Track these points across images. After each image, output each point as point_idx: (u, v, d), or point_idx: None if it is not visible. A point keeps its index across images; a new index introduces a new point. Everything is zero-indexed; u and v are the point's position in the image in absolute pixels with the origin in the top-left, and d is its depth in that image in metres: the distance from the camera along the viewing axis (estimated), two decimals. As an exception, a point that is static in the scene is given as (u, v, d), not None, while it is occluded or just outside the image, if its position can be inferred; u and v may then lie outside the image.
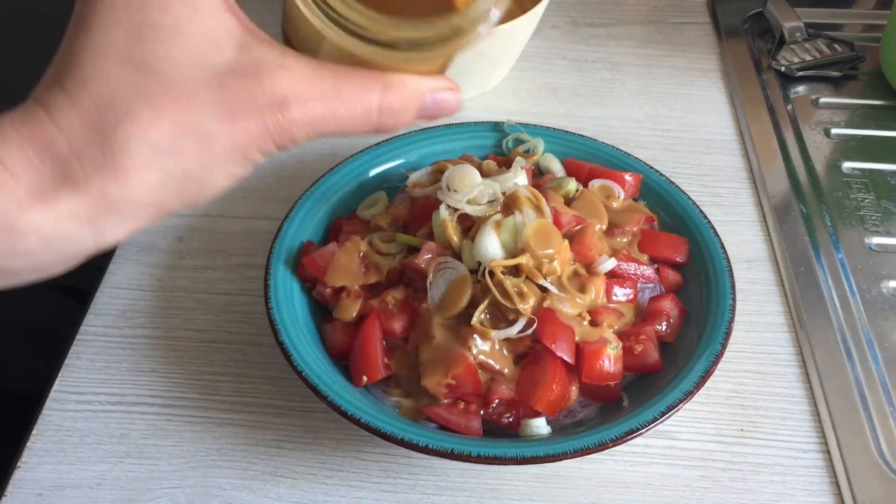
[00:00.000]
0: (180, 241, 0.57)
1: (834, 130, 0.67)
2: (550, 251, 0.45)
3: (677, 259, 0.51)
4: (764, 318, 0.53)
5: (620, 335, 0.47)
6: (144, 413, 0.47)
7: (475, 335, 0.44)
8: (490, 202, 0.48)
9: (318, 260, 0.48)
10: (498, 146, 0.59)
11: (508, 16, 0.70)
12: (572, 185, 0.52)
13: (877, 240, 0.58)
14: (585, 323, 0.46)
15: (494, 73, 0.69)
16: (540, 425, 0.43)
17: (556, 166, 0.56)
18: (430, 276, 0.45)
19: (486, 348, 0.44)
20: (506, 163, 0.54)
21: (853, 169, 0.64)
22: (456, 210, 0.47)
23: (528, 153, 0.57)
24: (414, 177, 0.53)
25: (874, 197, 0.61)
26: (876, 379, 0.49)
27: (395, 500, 0.44)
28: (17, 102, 0.27)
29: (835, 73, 0.72)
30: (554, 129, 0.58)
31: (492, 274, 0.44)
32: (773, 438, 0.47)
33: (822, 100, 0.70)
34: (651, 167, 0.55)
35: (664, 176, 0.55)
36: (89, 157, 0.26)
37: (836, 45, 0.73)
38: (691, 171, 0.63)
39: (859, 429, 0.46)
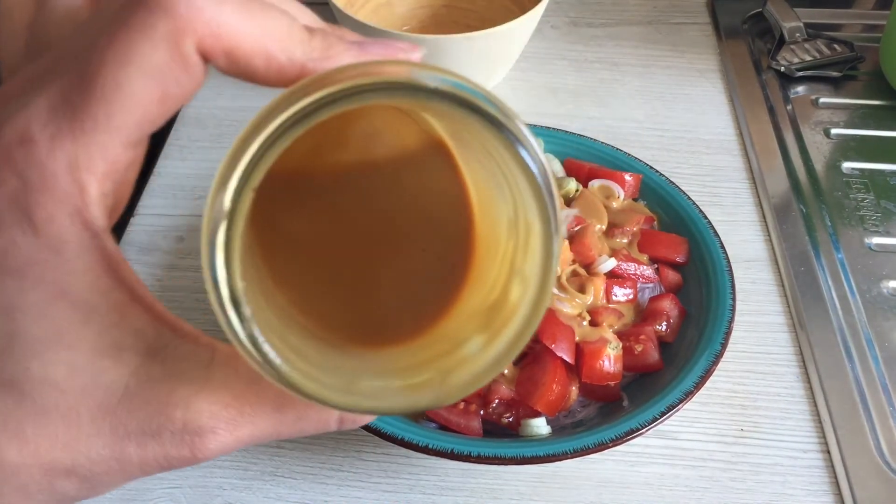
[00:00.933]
0: (180, 241, 0.57)
1: (834, 130, 0.67)
2: None
3: (677, 259, 0.51)
4: (764, 318, 0.53)
5: (620, 335, 0.46)
6: (144, 413, 0.47)
7: None
8: None
9: None
10: None
11: (508, 16, 0.70)
12: (572, 185, 0.52)
13: (877, 240, 0.58)
14: (585, 323, 0.46)
15: (494, 74, 0.69)
16: (540, 425, 0.43)
17: (555, 166, 0.56)
18: None
19: None
20: None
21: (853, 169, 0.64)
22: None
23: None
24: None
25: (874, 197, 0.61)
26: (876, 379, 0.49)
27: (395, 500, 0.44)
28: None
29: (834, 74, 0.72)
30: (554, 129, 0.58)
31: None
32: (773, 438, 0.47)
33: (822, 100, 0.70)
34: (651, 167, 0.55)
35: (664, 176, 0.55)
36: None
37: (836, 46, 0.73)
38: (691, 171, 0.63)
39: (859, 429, 0.46)
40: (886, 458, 0.45)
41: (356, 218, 0.26)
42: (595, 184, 0.54)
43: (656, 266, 0.51)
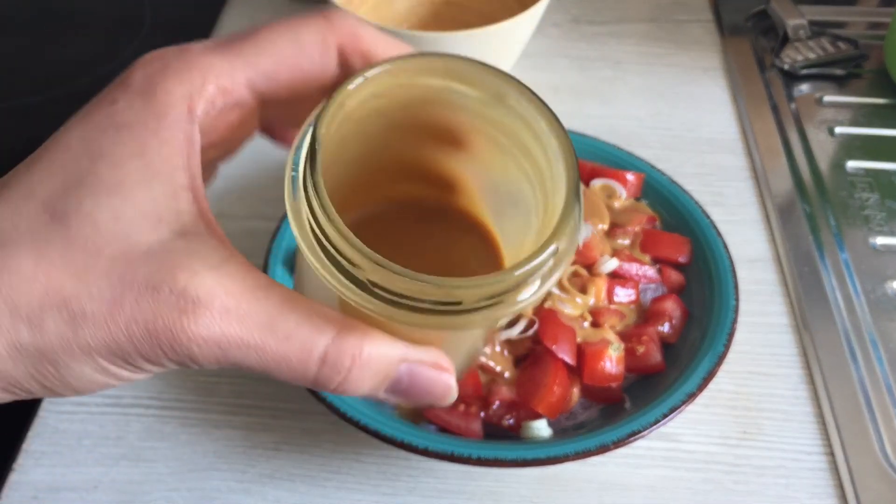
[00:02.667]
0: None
1: (838, 129, 0.66)
2: None
3: (680, 259, 0.50)
4: (767, 318, 0.52)
5: (622, 336, 0.46)
6: (141, 415, 0.47)
7: None
8: None
9: None
10: None
11: (508, 13, 0.70)
12: None
13: (881, 239, 0.57)
14: (587, 324, 0.45)
15: (495, 72, 0.69)
16: (541, 427, 0.42)
17: None
18: None
19: (486, 350, 0.43)
20: None
21: (857, 168, 0.63)
22: None
23: None
24: None
25: (879, 196, 0.60)
26: (880, 380, 0.48)
27: (394, 503, 0.43)
28: (15, 99, 0.27)
29: (839, 72, 0.71)
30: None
31: None
32: (777, 441, 0.46)
33: (826, 98, 0.70)
34: (653, 166, 0.55)
35: (666, 175, 0.54)
36: None
37: (840, 44, 0.73)
38: (693, 170, 0.63)
39: (864, 431, 0.46)
40: (891, 460, 0.44)
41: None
42: (597, 183, 0.53)
43: (659, 266, 0.50)
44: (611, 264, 0.47)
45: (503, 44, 0.65)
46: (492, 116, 0.29)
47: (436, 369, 0.25)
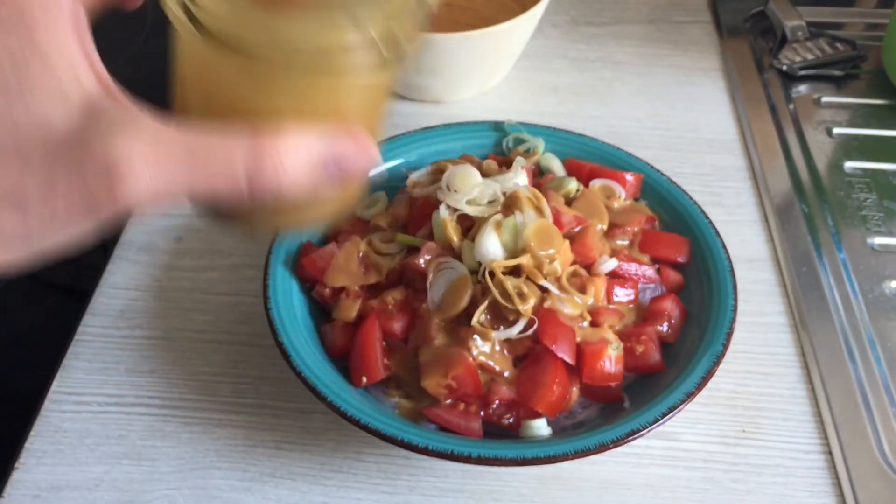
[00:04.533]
0: (179, 242, 0.57)
1: (836, 130, 0.67)
2: (551, 251, 0.45)
3: (678, 259, 0.51)
4: (766, 318, 0.53)
5: (621, 335, 0.46)
6: (143, 414, 0.47)
7: (475, 336, 0.43)
8: (490, 202, 0.47)
9: (318, 260, 0.48)
10: (498, 146, 0.59)
11: (507, 14, 0.70)
12: (573, 184, 0.52)
13: (879, 240, 0.57)
14: (586, 324, 0.46)
15: (494, 73, 0.69)
16: (540, 426, 0.43)
17: (556, 166, 0.56)
18: (430, 276, 0.45)
19: (486, 349, 0.44)
20: (506, 162, 0.54)
21: (855, 168, 0.63)
22: (456, 210, 0.47)
23: (528, 153, 0.56)
24: (414, 176, 0.53)
25: (876, 197, 0.61)
26: (878, 379, 0.49)
27: (394, 502, 0.44)
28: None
29: (837, 73, 0.72)
30: (555, 128, 0.58)
31: (492, 274, 0.44)
32: (775, 440, 0.46)
33: (824, 99, 0.70)
34: (652, 167, 0.55)
35: (665, 176, 0.55)
36: None
37: (838, 44, 0.73)
38: (692, 171, 0.63)
39: (861, 430, 0.46)
40: (888, 458, 0.45)
41: None
42: (596, 183, 0.53)
43: (657, 266, 0.51)
44: (610, 264, 0.47)
45: (504, 45, 0.65)
46: None
47: (352, 139, 0.27)
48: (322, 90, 0.26)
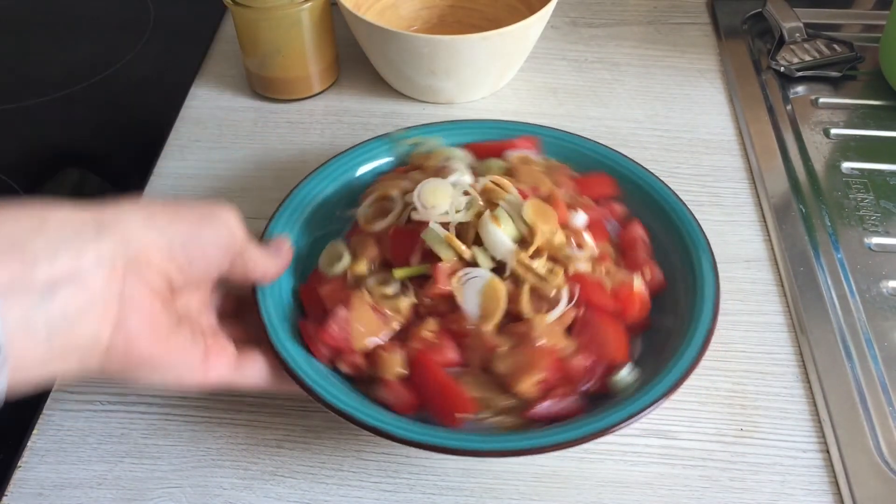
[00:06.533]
0: (180, 242, 0.57)
1: (833, 130, 0.67)
2: (553, 224, 0.46)
3: (611, 191, 0.54)
4: (763, 317, 0.53)
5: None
6: (145, 413, 0.47)
7: (534, 326, 0.44)
8: (468, 205, 0.47)
9: (335, 331, 0.44)
10: (400, 156, 0.57)
11: (512, 14, 0.70)
12: (499, 163, 0.53)
13: (876, 240, 0.58)
14: (604, 273, 0.48)
15: (507, 73, 0.69)
16: (626, 374, 0.44)
17: (459, 154, 0.55)
18: (458, 292, 0.44)
19: (547, 333, 0.44)
20: (415, 168, 0.54)
21: (852, 169, 0.64)
22: (446, 224, 0.46)
23: (430, 153, 0.55)
24: (360, 213, 0.51)
25: (873, 197, 0.61)
26: (875, 379, 0.49)
27: (395, 500, 0.44)
28: (18, 102, 0.27)
29: (834, 74, 0.72)
30: (553, 128, 0.58)
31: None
32: (773, 438, 0.47)
33: (822, 100, 0.70)
34: (638, 163, 0.55)
35: (637, 162, 0.55)
36: None
37: (836, 46, 0.73)
38: (691, 171, 0.63)
39: (859, 428, 0.46)
40: (886, 457, 0.45)
41: None
42: (513, 154, 0.54)
43: (601, 203, 0.53)
44: (581, 217, 0.49)
45: (516, 45, 0.65)
46: None
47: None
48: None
